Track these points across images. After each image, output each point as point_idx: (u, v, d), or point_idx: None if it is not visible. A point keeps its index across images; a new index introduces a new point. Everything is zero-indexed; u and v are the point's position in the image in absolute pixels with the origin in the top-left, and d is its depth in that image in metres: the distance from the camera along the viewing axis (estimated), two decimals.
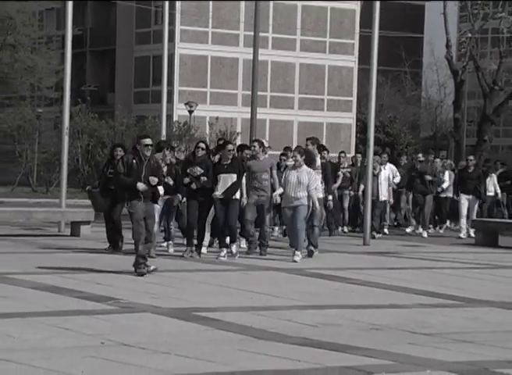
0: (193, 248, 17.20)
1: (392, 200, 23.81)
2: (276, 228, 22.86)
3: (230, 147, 17.81)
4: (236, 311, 11.64)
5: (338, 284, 14.68)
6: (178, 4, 53.95)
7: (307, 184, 16.97)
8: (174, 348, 9.18)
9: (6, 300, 11.88)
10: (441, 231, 26.05)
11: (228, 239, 17.60)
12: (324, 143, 28.89)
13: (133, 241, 15.01)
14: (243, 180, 17.47)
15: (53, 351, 8.94)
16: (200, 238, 17.29)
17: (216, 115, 52.28)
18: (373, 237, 22.34)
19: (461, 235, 23.79)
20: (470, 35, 52.79)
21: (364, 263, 17.92)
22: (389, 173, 23.40)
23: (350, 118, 61.32)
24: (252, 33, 34.05)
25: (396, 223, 27.31)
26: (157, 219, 16.84)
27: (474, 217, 24.16)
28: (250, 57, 34.33)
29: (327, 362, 8.76)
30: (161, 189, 14.90)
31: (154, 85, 51.83)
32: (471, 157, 25.99)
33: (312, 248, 18.07)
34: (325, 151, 21.60)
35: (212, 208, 17.46)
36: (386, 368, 8.60)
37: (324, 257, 18.81)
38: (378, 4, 22.44)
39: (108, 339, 9.56)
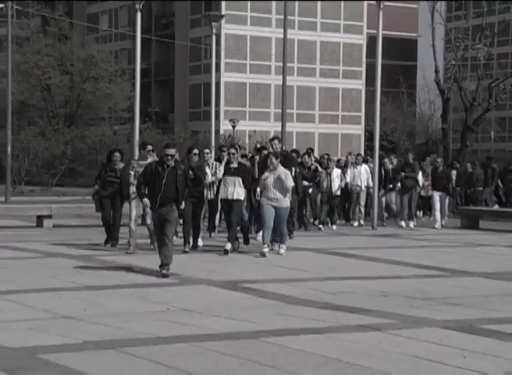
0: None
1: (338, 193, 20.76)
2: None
3: (232, 151, 15.24)
4: (272, 283, 11.65)
5: (352, 260, 14.66)
6: (222, 43, 54.00)
7: (285, 184, 14.42)
8: (223, 312, 9.22)
9: (95, 276, 11.98)
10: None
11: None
12: (339, 149, 28.86)
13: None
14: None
15: (130, 316, 9.01)
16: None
17: (254, 128, 52.46)
18: (332, 228, 20.54)
19: (436, 226, 21.77)
20: (454, 62, 52.55)
21: (372, 244, 17.81)
22: (340, 173, 20.75)
23: (359, 129, 61.10)
24: (281, 63, 34.03)
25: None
26: (133, 217, 14.84)
27: (446, 210, 22.83)
28: (280, 82, 34.26)
29: (345, 322, 8.79)
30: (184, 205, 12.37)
31: (205, 106, 51.83)
32: (439, 159, 24.02)
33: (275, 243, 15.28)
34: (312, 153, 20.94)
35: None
36: (392, 325, 8.62)
37: (337, 239, 18.80)
38: (380, 40, 22.31)
39: (172, 305, 9.62)
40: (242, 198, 15.01)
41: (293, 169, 16.91)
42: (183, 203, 12.26)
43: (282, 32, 32.57)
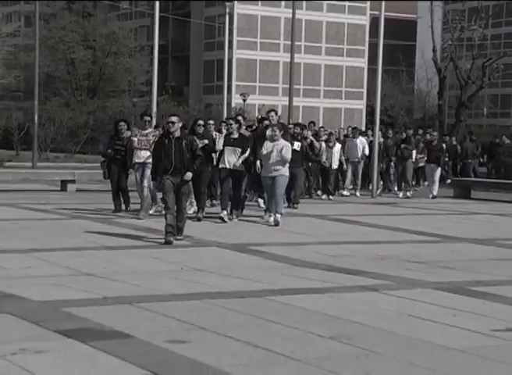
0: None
1: (345, 167, 20.64)
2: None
3: (230, 122, 14.58)
4: (278, 246, 11.66)
5: (352, 226, 14.67)
6: (235, 22, 53.59)
7: (285, 156, 13.74)
8: (233, 272, 9.26)
9: (114, 237, 12.02)
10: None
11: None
12: (342, 123, 28.76)
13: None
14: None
15: (146, 274, 9.05)
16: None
17: (263, 103, 52.18)
18: (329, 199, 19.63)
19: (430, 196, 21.28)
20: (450, 43, 52.20)
21: (370, 211, 17.82)
22: (340, 148, 20.15)
23: (361, 104, 60.83)
24: (289, 42, 33.86)
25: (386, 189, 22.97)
26: (146, 184, 14.24)
27: (437, 180, 21.74)
28: (288, 60, 34.16)
29: (345, 283, 8.82)
30: (188, 176, 11.56)
31: (218, 81, 51.66)
32: (435, 133, 23.31)
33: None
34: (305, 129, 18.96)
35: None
36: (388, 286, 8.64)
37: (339, 207, 18.78)
38: (382, 21, 22.20)
39: (185, 265, 9.66)
40: (242, 168, 14.18)
41: (299, 144, 16.75)
42: (189, 174, 11.50)
43: (291, 12, 32.32)
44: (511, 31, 73.19)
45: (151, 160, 13.33)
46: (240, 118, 15.47)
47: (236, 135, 14.18)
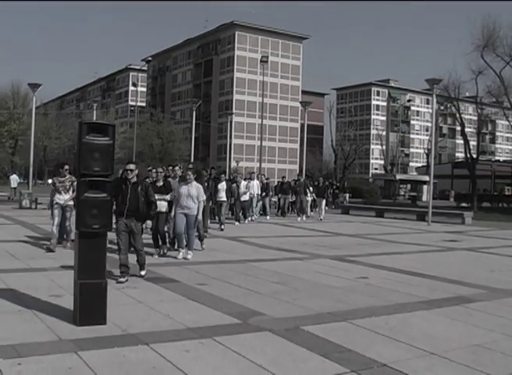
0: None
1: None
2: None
3: (160, 170, 8.68)
4: (252, 237, 11.46)
5: (287, 228, 14.42)
6: (233, 125, 53.91)
7: (197, 196, 8.01)
8: (230, 251, 9.16)
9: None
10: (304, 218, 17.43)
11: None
12: (286, 177, 27.57)
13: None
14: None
15: (195, 253, 9.03)
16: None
17: (247, 165, 52.33)
18: (240, 222, 14.59)
19: (320, 217, 17.45)
20: (340, 137, 53.67)
21: (295, 222, 17.41)
22: (246, 184, 15.62)
23: (296, 167, 60.95)
24: (259, 135, 34.09)
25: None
26: (56, 222, 8.50)
27: (324, 208, 18.18)
28: (259, 143, 34.10)
29: (286, 256, 8.77)
30: (149, 224, 6.63)
31: (224, 154, 51.86)
32: (321, 178, 19.09)
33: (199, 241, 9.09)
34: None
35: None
36: (306, 257, 8.59)
37: (275, 220, 17.97)
38: (306, 125, 22.47)
39: (206, 247, 9.43)
40: (163, 210, 8.29)
41: (223, 184, 12.75)
42: (149, 222, 6.63)
43: (261, 121, 32.62)
44: (368, 132, 76.19)
45: (69, 203, 8.66)
46: (160, 169, 8.85)
47: (161, 183, 8.43)
